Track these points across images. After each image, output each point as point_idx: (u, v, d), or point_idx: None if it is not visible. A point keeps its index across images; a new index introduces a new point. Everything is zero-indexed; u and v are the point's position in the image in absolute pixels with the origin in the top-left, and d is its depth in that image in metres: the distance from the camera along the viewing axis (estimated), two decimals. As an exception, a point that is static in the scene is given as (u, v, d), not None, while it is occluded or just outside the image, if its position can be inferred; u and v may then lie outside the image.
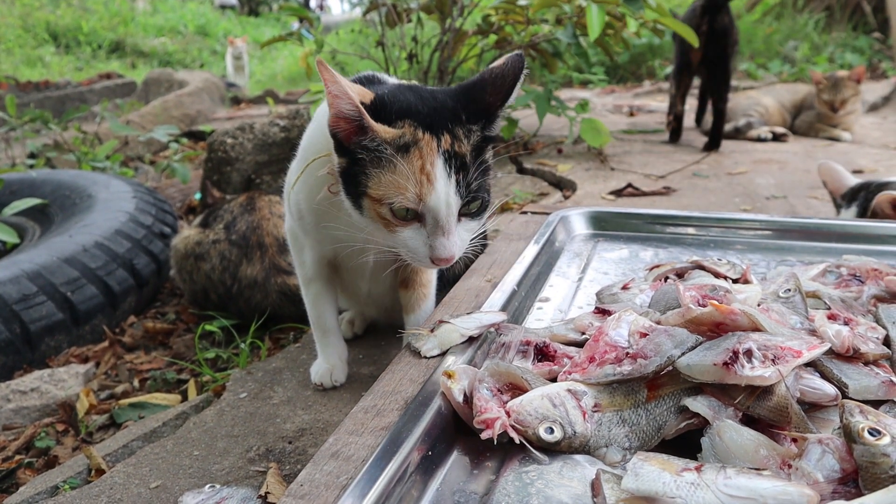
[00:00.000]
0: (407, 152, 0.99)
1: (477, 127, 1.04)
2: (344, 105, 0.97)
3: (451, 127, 1.01)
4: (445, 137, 1.00)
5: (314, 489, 0.75)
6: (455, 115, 1.02)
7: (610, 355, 0.91)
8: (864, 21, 7.29)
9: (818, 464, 0.73)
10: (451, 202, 1.00)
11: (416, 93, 1.06)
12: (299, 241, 1.38)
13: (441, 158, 0.99)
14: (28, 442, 1.55)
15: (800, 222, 1.64)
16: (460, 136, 1.02)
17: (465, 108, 1.04)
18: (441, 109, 1.02)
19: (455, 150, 1.00)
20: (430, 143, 0.99)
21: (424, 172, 0.98)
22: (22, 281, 1.91)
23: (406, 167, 0.98)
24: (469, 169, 1.01)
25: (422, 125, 1.00)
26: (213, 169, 3.06)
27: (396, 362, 1.02)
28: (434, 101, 1.04)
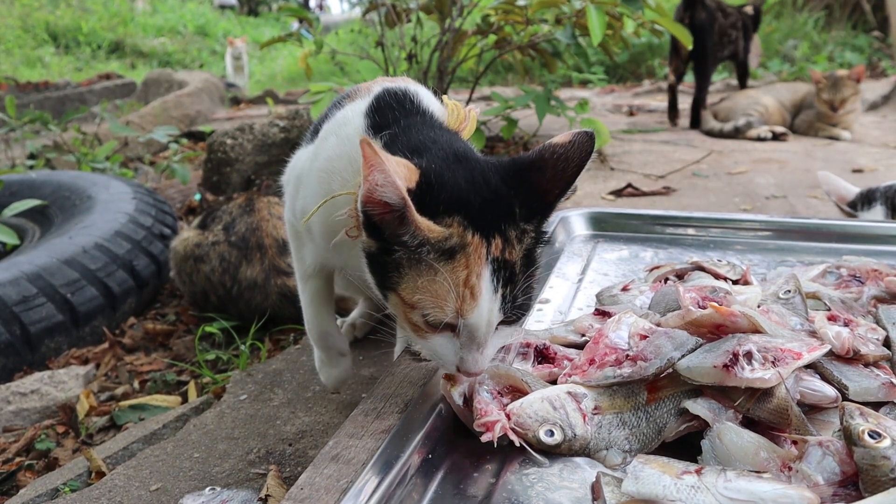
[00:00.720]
0: (452, 258, 0.82)
1: (531, 227, 0.87)
2: (388, 193, 0.79)
3: (504, 228, 0.84)
4: (496, 241, 0.83)
5: (314, 492, 0.75)
6: (509, 209, 0.86)
7: (610, 357, 0.91)
8: (863, 20, 7.29)
9: (818, 466, 0.73)
10: (493, 320, 0.84)
11: (468, 170, 0.88)
12: (301, 240, 1.24)
13: (489, 268, 0.83)
14: (28, 444, 1.55)
15: (799, 223, 1.64)
16: (512, 239, 0.85)
17: (519, 199, 0.86)
18: (494, 202, 0.85)
19: (505, 258, 0.84)
20: (479, 250, 0.82)
21: (469, 286, 0.82)
22: (22, 282, 1.91)
23: (449, 277, 0.81)
24: (517, 281, 0.85)
25: (472, 224, 0.82)
26: (212, 170, 3.06)
27: (396, 365, 1.02)
28: (487, 188, 0.86)
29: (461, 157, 0.90)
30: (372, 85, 1.10)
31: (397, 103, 1.02)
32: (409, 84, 1.09)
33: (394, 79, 1.13)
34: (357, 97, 1.08)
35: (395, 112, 1.01)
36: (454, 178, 0.86)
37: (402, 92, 1.04)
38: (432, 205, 0.82)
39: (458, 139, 0.98)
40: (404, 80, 1.12)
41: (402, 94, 1.04)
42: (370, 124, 1.00)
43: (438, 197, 0.83)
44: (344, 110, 1.08)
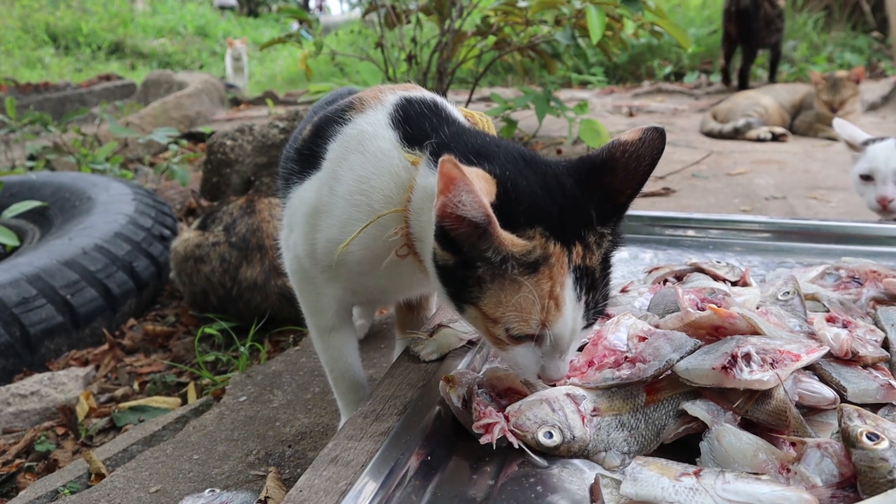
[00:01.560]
0: (535, 271, 0.79)
1: (608, 230, 0.85)
2: (470, 211, 0.76)
3: (584, 234, 0.82)
4: (577, 249, 0.81)
5: (313, 495, 0.75)
6: (586, 214, 0.83)
7: (609, 359, 0.91)
8: (862, 20, 7.29)
9: (817, 468, 0.73)
10: (577, 328, 0.83)
11: (541, 175, 0.85)
12: (315, 287, 1.12)
13: (571, 276, 0.81)
14: (28, 446, 1.55)
15: (798, 224, 1.65)
16: (592, 244, 0.83)
17: (594, 202, 0.84)
18: (572, 207, 0.83)
19: (586, 265, 0.82)
20: (561, 259, 0.80)
21: (553, 297, 0.80)
22: (21, 284, 1.91)
23: (534, 290, 0.79)
24: (599, 286, 0.84)
25: (553, 234, 0.80)
26: (212, 171, 3.06)
27: (396, 367, 1.03)
28: (562, 193, 0.83)
29: (529, 161, 0.87)
30: (378, 94, 1.04)
31: (429, 111, 0.98)
32: (424, 91, 1.05)
33: (397, 86, 1.08)
34: (366, 109, 1.02)
35: (430, 120, 0.97)
36: (529, 185, 0.83)
37: (426, 100, 1.01)
38: (512, 216, 0.79)
39: (514, 144, 0.93)
40: (414, 87, 1.08)
41: (428, 102, 1.00)
42: (403, 136, 0.96)
43: (518, 208, 0.80)
44: (356, 125, 1.00)
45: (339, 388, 1.19)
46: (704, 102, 5.44)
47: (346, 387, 1.18)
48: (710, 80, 6.47)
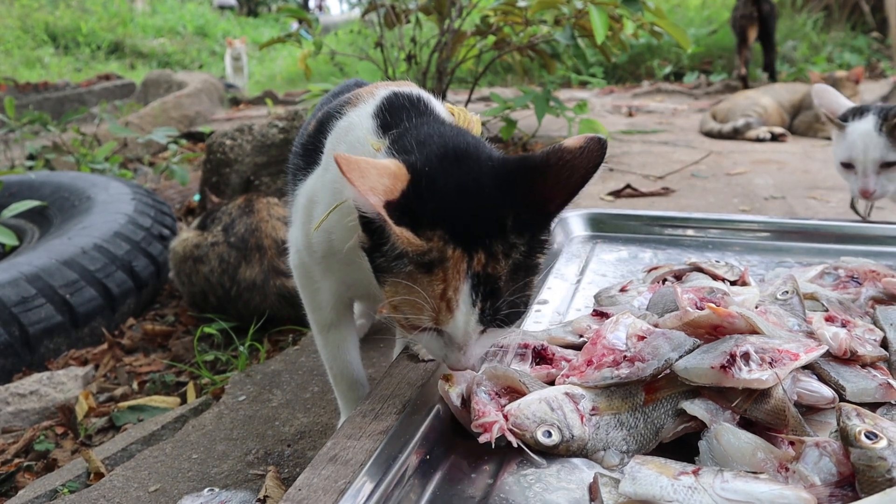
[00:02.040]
0: (430, 272, 0.80)
1: (522, 240, 0.82)
2: (363, 207, 0.79)
3: (489, 242, 0.81)
4: (479, 256, 0.80)
5: (312, 493, 0.75)
6: (500, 221, 0.81)
7: (608, 358, 0.91)
8: (862, 21, 7.29)
9: (815, 467, 0.74)
10: (471, 330, 0.83)
11: (465, 172, 0.84)
12: (313, 281, 1.14)
13: (468, 283, 0.80)
14: (27, 445, 1.55)
15: (797, 224, 1.65)
16: (498, 253, 0.81)
17: (516, 207, 0.82)
18: (484, 212, 0.81)
19: (487, 273, 0.81)
20: (459, 265, 0.80)
21: (445, 299, 0.80)
22: (21, 283, 1.91)
23: (424, 289, 0.81)
24: (501, 295, 0.82)
25: (455, 239, 0.80)
26: (211, 171, 3.06)
27: (394, 366, 1.03)
28: (479, 196, 0.82)
29: (462, 155, 0.86)
30: (373, 89, 1.06)
31: (410, 104, 1.00)
32: (415, 87, 1.07)
33: (396, 83, 1.10)
34: (359, 103, 1.04)
35: (407, 112, 0.98)
36: (447, 184, 0.83)
37: (411, 94, 1.02)
38: (418, 213, 0.80)
39: (468, 135, 0.93)
40: (408, 84, 1.09)
41: (413, 96, 1.02)
42: (379, 124, 0.98)
43: (426, 206, 0.81)
44: (347, 117, 1.03)
45: (338, 385, 1.19)
46: (704, 102, 5.45)
47: (345, 385, 1.18)
48: (709, 81, 6.47)
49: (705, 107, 5.06)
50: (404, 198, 0.80)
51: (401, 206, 0.79)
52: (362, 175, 0.78)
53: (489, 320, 0.83)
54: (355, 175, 0.77)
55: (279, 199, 2.21)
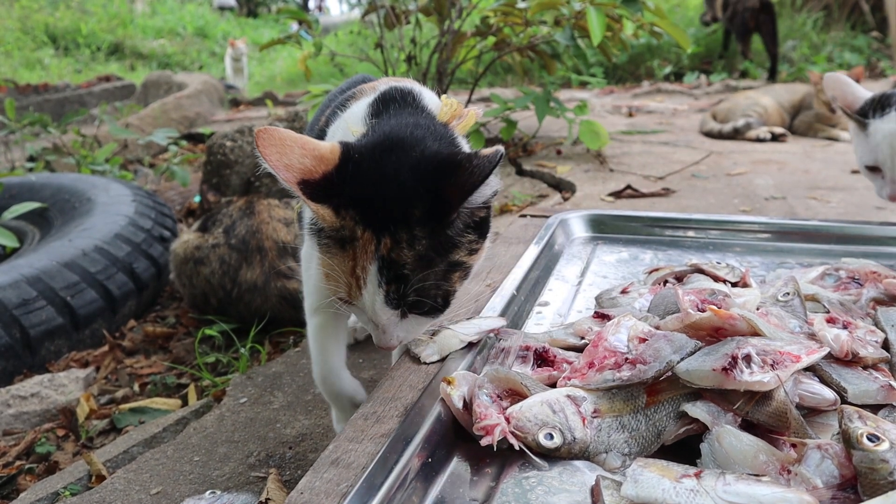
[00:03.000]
0: (343, 248, 0.89)
1: (424, 232, 0.88)
2: (280, 181, 0.87)
3: (396, 229, 0.87)
4: (386, 241, 0.87)
5: (314, 497, 0.75)
6: (408, 211, 0.87)
7: (609, 361, 0.91)
8: (862, 20, 7.29)
9: (817, 469, 0.73)
10: (379, 310, 0.90)
11: (393, 162, 0.90)
12: (309, 268, 1.19)
13: (375, 264, 0.87)
14: (28, 447, 1.55)
15: (798, 224, 1.65)
16: (402, 241, 0.87)
17: (424, 200, 0.88)
18: (395, 202, 0.88)
19: (392, 258, 0.87)
20: (368, 246, 0.87)
21: (355, 276, 0.89)
22: (22, 285, 1.91)
23: (338, 264, 0.89)
24: (408, 281, 0.88)
25: (365, 221, 0.87)
26: (212, 172, 3.06)
27: (396, 368, 1.02)
28: (395, 187, 0.88)
29: (396, 145, 0.91)
30: (376, 84, 1.12)
31: (400, 97, 1.04)
32: (415, 84, 1.11)
33: (400, 79, 1.15)
34: (361, 97, 1.10)
35: (396, 103, 1.03)
36: (371, 170, 0.89)
37: (405, 88, 1.07)
38: (340, 194, 0.87)
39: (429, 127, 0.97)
40: (410, 81, 1.13)
41: (405, 89, 1.07)
42: (370, 113, 1.03)
43: (345, 188, 0.88)
44: (350, 109, 1.09)
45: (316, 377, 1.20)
46: (704, 102, 5.44)
47: (320, 376, 1.18)
48: (709, 81, 6.48)
49: (705, 107, 5.06)
50: (326, 178, 0.87)
51: (322, 185, 0.87)
52: (280, 151, 0.85)
53: (396, 303, 0.90)
54: (270, 150, 0.84)
55: (280, 200, 2.21)
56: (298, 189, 0.85)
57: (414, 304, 0.91)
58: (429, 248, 0.89)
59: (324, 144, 0.90)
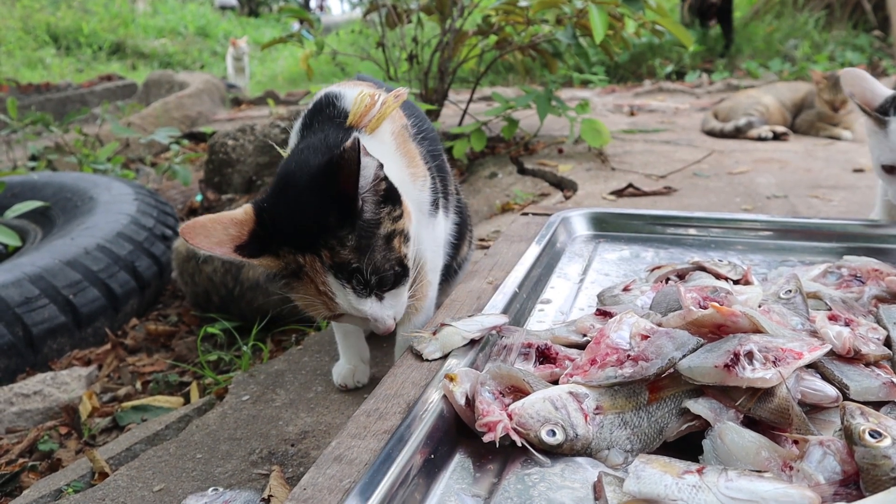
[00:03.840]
0: (299, 279, 1.00)
1: (347, 231, 0.98)
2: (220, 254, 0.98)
3: (326, 241, 0.98)
4: (325, 253, 0.98)
5: (317, 493, 0.75)
6: (324, 223, 0.98)
7: (611, 358, 0.91)
8: (864, 19, 7.28)
9: (819, 465, 0.74)
10: (356, 303, 1.01)
11: (292, 196, 1.01)
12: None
13: (330, 275, 0.98)
14: (31, 445, 1.55)
15: (800, 222, 1.65)
16: (335, 246, 0.98)
17: (329, 207, 0.98)
18: (311, 220, 0.98)
19: (338, 262, 0.98)
20: (315, 265, 0.99)
21: (321, 293, 1.00)
22: (24, 284, 1.91)
23: (304, 289, 1.01)
24: (362, 270, 0.99)
25: (300, 249, 0.99)
26: (214, 171, 3.06)
27: (398, 365, 1.03)
28: (304, 212, 0.99)
29: (290, 181, 1.02)
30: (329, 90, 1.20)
31: (326, 105, 1.14)
32: (347, 88, 1.18)
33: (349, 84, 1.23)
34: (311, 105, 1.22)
35: (320, 115, 1.13)
36: (281, 210, 1.00)
37: (333, 94, 1.15)
38: (269, 242, 0.99)
39: (325, 141, 1.06)
40: (353, 82, 1.21)
41: (333, 96, 1.15)
42: (302, 126, 1.16)
43: (272, 235, 0.99)
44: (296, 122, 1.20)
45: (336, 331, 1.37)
46: (705, 101, 5.44)
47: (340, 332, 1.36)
48: (711, 80, 6.47)
49: (707, 106, 5.05)
50: (253, 236, 0.99)
51: (253, 242, 0.98)
52: (206, 235, 0.97)
53: (366, 292, 1.00)
54: (199, 239, 0.96)
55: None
56: (237, 255, 0.97)
57: (379, 283, 1.01)
58: (359, 238, 0.98)
59: (238, 212, 1.01)
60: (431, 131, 1.37)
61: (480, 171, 3.32)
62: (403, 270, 1.04)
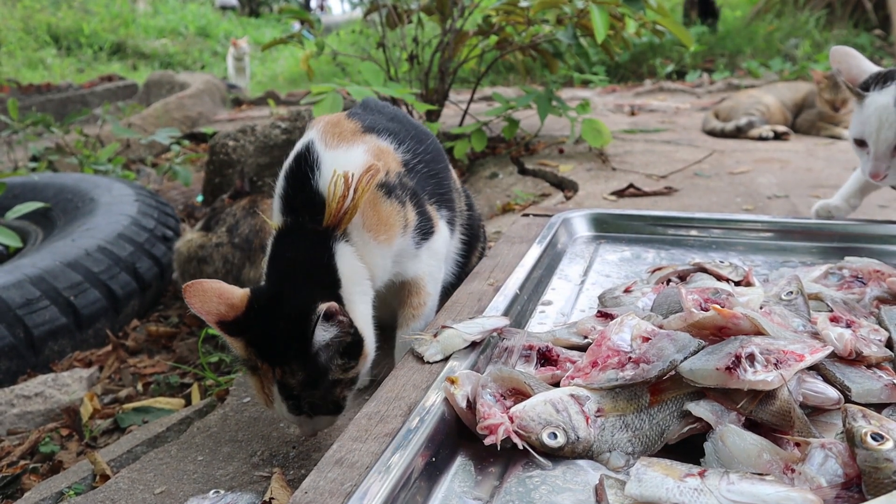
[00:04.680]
0: (255, 372, 1.10)
1: (298, 367, 1.06)
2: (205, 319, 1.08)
3: (282, 363, 1.06)
4: (278, 370, 1.07)
5: (318, 497, 0.75)
6: (286, 350, 1.06)
7: (613, 360, 0.91)
8: (865, 18, 7.28)
9: (821, 468, 0.73)
10: (287, 416, 1.11)
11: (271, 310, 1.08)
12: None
13: (276, 387, 1.08)
14: (32, 447, 1.55)
15: (802, 223, 1.65)
16: (287, 372, 1.07)
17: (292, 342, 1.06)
18: (278, 342, 1.06)
19: (284, 383, 1.07)
20: (268, 373, 1.08)
21: (264, 392, 1.10)
22: (25, 285, 1.91)
23: (254, 382, 1.11)
24: (300, 399, 1.08)
25: (262, 356, 1.07)
26: (214, 171, 3.06)
27: (399, 368, 1.03)
28: (273, 329, 1.07)
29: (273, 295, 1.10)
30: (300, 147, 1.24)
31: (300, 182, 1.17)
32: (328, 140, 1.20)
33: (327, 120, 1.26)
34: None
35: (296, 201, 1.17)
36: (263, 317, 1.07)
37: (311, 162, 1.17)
38: (246, 333, 1.07)
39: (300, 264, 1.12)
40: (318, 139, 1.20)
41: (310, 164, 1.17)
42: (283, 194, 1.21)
43: (249, 329, 1.07)
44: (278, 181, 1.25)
45: None
46: (706, 101, 5.43)
47: None
48: (711, 79, 6.47)
49: (708, 105, 5.05)
50: (236, 321, 1.07)
51: (234, 325, 1.07)
52: (202, 300, 1.07)
53: (298, 412, 1.10)
54: (194, 299, 1.07)
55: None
56: (217, 327, 1.06)
57: (311, 410, 1.11)
58: (307, 375, 1.07)
59: (237, 293, 1.09)
60: (429, 151, 1.37)
61: (481, 171, 3.32)
62: (337, 409, 1.13)
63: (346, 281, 1.13)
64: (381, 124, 1.32)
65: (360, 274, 1.15)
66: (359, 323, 1.11)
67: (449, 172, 1.44)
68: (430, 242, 1.29)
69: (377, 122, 1.32)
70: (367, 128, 1.28)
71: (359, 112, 1.36)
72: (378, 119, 1.34)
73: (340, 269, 1.12)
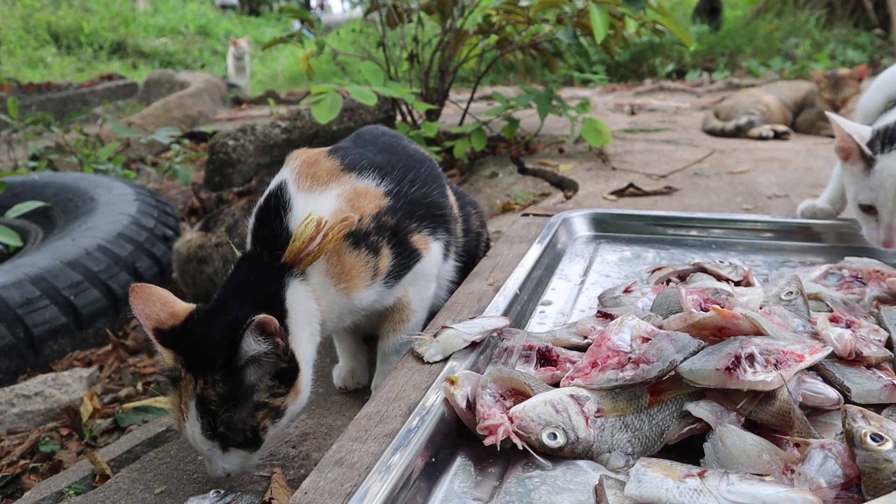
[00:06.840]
0: (175, 386, 1.05)
1: (221, 378, 1.01)
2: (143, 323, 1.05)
3: (205, 373, 1.02)
4: (200, 382, 1.02)
5: (318, 497, 0.75)
6: (212, 360, 1.02)
7: (612, 360, 0.91)
8: (865, 17, 7.27)
9: (821, 469, 0.74)
10: (198, 441, 1.04)
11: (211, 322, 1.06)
12: None
13: (194, 401, 1.02)
14: (32, 446, 1.55)
15: (801, 223, 1.65)
16: (209, 384, 1.02)
17: (221, 353, 1.02)
18: (207, 352, 1.02)
19: (204, 396, 1.02)
20: (189, 385, 1.03)
21: (180, 408, 1.04)
22: (25, 285, 1.91)
23: (172, 399, 1.06)
24: (216, 417, 1.01)
25: (187, 365, 1.03)
26: (214, 171, 3.06)
27: (399, 368, 1.03)
28: (208, 340, 1.03)
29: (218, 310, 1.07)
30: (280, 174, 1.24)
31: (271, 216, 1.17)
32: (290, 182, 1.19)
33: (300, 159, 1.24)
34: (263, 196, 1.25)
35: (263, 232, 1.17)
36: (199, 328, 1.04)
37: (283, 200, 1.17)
38: (178, 344, 1.04)
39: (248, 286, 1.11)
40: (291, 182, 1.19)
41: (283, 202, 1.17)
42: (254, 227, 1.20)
43: (182, 340, 1.04)
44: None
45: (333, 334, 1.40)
46: (706, 100, 5.43)
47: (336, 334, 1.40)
48: (712, 79, 6.47)
49: (708, 105, 5.05)
50: (172, 330, 1.05)
51: (169, 335, 1.04)
52: (145, 303, 1.05)
53: (211, 435, 1.02)
54: (138, 301, 1.05)
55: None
56: (151, 334, 1.04)
57: (224, 437, 1.03)
58: (228, 389, 1.01)
59: (181, 305, 1.08)
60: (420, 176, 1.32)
61: (481, 170, 3.32)
62: (255, 440, 1.05)
63: (294, 315, 1.10)
64: (366, 160, 1.26)
65: (310, 314, 1.13)
66: (299, 356, 1.07)
67: (446, 199, 1.38)
68: (418, 266, 1.26)
69: (361, 158, 1.26)
70: (347, 166, 1.23)
71: (345, 146, 1.33)
72: (364, 153, 1.29)
73: (289, 301, 1.10)
